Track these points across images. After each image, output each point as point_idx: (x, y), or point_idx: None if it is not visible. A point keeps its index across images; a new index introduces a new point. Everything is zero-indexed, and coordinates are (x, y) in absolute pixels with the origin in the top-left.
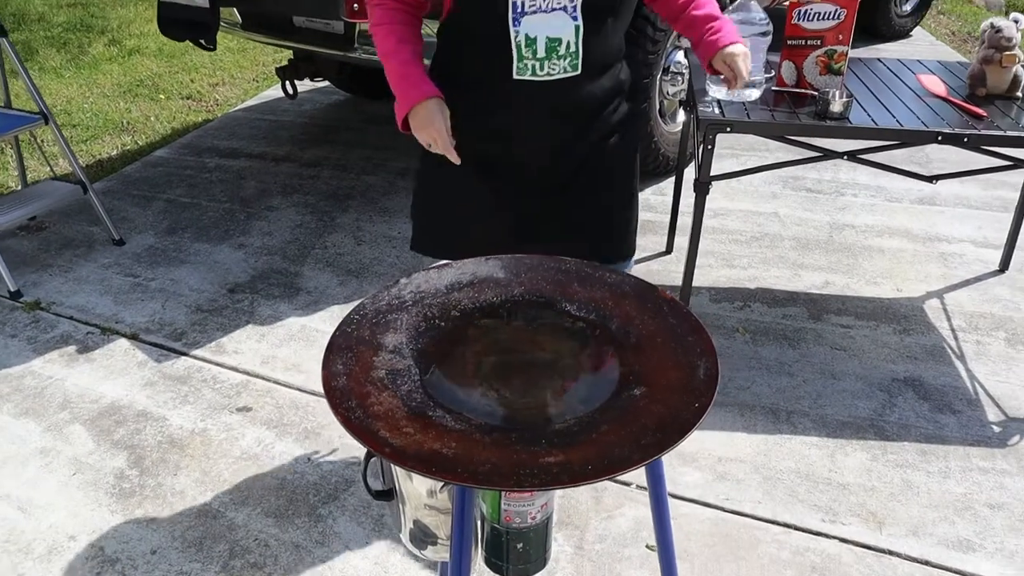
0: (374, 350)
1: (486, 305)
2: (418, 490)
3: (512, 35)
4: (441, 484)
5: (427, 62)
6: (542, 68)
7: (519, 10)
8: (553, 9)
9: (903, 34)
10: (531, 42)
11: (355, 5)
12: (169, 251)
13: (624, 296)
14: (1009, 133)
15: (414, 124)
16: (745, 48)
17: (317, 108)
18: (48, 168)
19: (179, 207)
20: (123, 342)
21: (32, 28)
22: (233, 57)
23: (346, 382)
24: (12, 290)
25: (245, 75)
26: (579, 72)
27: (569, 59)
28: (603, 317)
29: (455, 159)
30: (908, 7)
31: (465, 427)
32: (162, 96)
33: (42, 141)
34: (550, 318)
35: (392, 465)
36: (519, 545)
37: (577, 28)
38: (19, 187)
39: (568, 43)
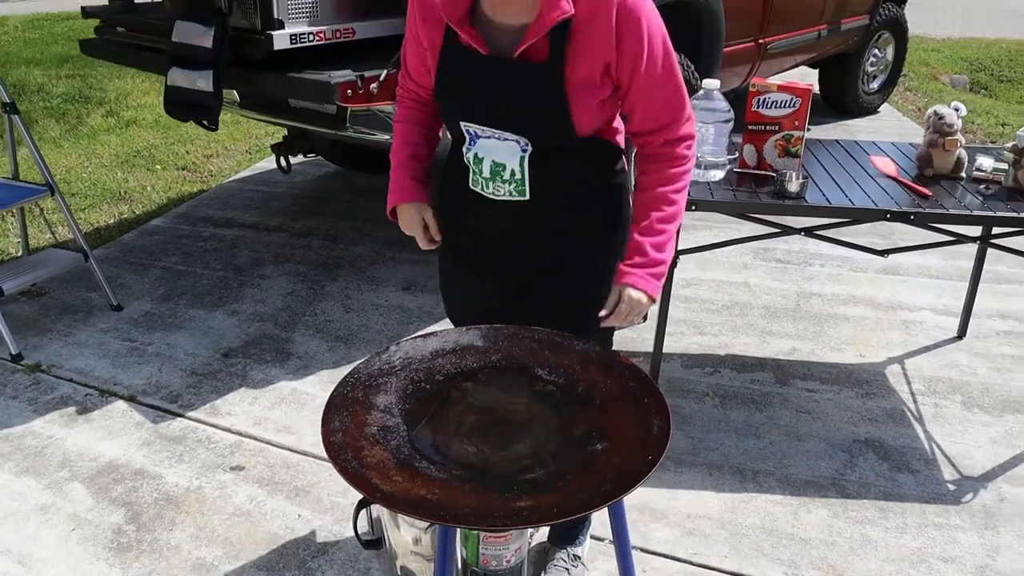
0: (367, 409)
1: (467, 370)
2: (404, 538)
3: (465, 150)
4: (426, 526)
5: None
6: (487, 187)
7: (473, 134)
8: (506, 140)
9: (871, 110)
10: (479, 161)
11: (349, 91)
12: (165, 317)
13: (590, 362)
14: (951, 211)
15: (399, 221)
16: (641, 300)
17: (308, 180)
18: (50, 235)
19: (175, 274)
20: (121, 404)
21: (32, 99)
22: (227, 129)
23: (342, 437)
24: (14, 353)
25: (239, 147)
26: (527, 198)
27: (515, 185)
28: (571, 381)
29: (426, 247)
30: (875, 85)
31: (447, 476)
32: (158, 167)
33: (43, 208)
34: (524, 382)
35: (381, 516)
36: None
37: (522, 159)
38: (20, 253)
39: (513, 171)
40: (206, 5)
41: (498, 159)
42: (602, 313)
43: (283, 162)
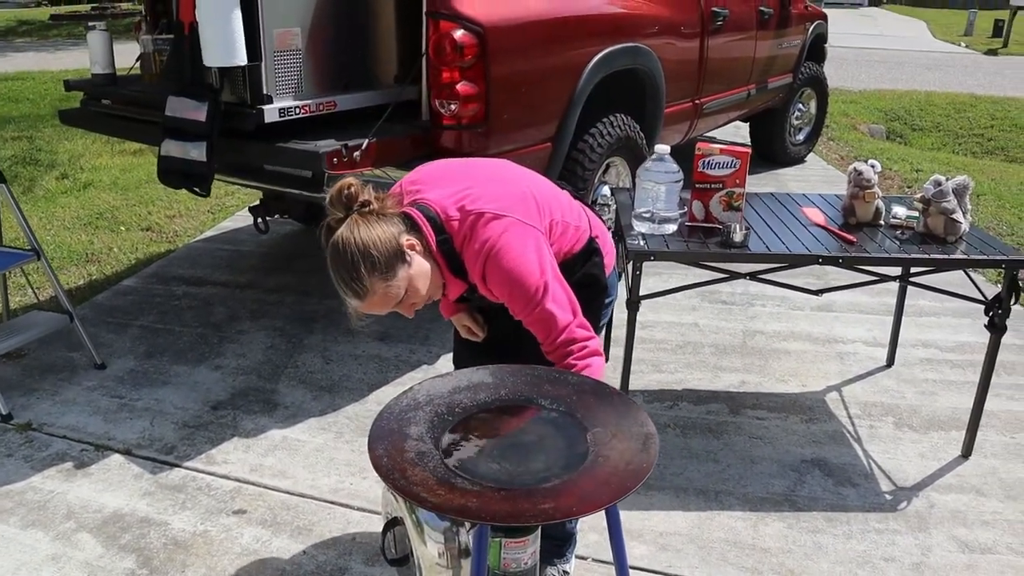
0: (403, 439)
1: (481, 403)
2: (431, 552)
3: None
4: (445, 541)
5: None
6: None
7: None
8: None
9: (799, 160)
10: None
11: (335, 159)
12: (150, 373)
13: (584, 392)
14: (873, 255)
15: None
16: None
17: (275, 238)
18: (30, 297)
19: (153, 332)
20: (117, 457)
21: None
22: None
23: (387, 461)
24: (4, 413)
25: (201, 207)
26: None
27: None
28: (571, 408)
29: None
30: (801, 136)
31: (480, 488)
32: (122, 228)
33: (25, 271)
34: (531, 411)
35: (407, 535)
36: None
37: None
38: (0, 315)
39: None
40: (199, 81)
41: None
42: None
43: (260, 223)
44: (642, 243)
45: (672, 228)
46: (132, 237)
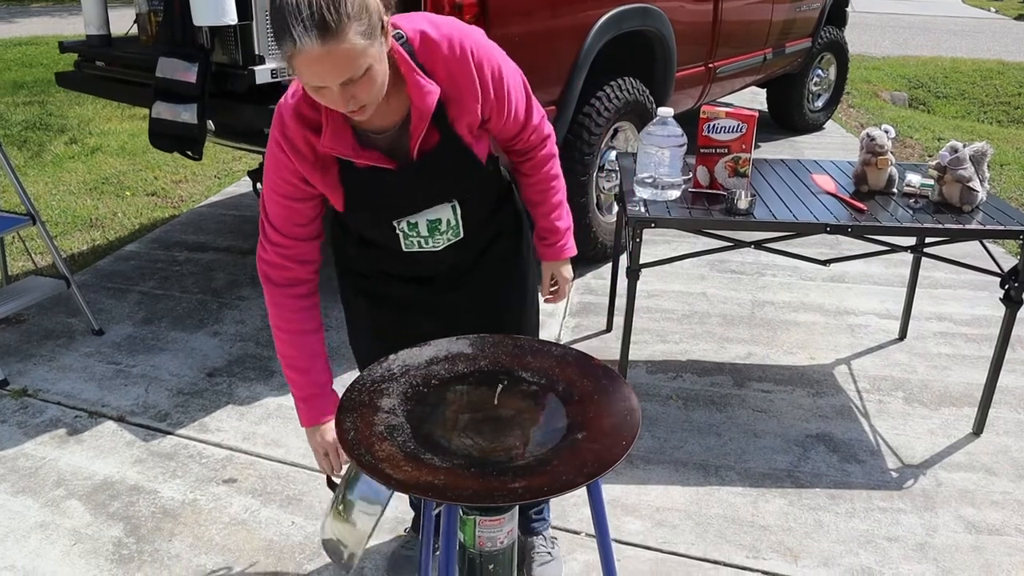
0: (373, 411)
1: (459, 374)
2: (360, 527)
3: (395, 225)
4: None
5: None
6: (427, 243)
7: (404, 224)
8: (433, 206)
9: (817, 127)
10: (413, 226)
11: None
12: (147, 340)
13: (567, 364)
14: (884, 224)
15: (320, 442)
16: (569, 269)
17: None
18: (32, 263)
19: (153, 299)
20: (110, 424)
21: None
22: None
23: (355, 435)
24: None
25: (207, 172)
26: (462, 235)
27: (451, 231)
28: (552, 380)
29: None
30: (820, 103)
31: (450, 465)
32: (128, 193)
33: (22, 237)
34: (510, 383)
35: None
36: (491, 566)
37: (454, 208)
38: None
39: (448, 220)
40: (189, 42)
41: (431, 217)
42: (547, 296)
43: (259, 187)
44: (643, 209)
45: (675, 194)
46: (137, 202)
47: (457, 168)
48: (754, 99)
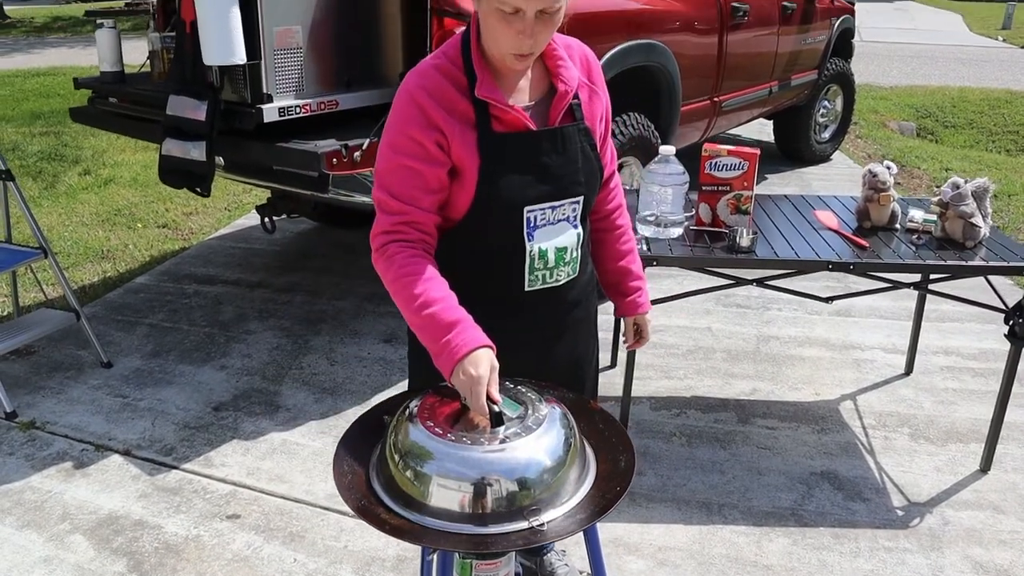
0: (373, 452)
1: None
2: None
3: (527, 248)
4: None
5: None
6: (551, 276)
7: (532, 224)
8: (559, 220)
9: (824, 158)
10: (543, 254)
11: (334, 160)
12: (155, 373)
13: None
14: (886, 261)
15: (478, 367)
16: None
17: (288, 237)
18: (43, 294)
19: (161, 331)
20: (117, 458)
21: (7, 157)
22: None
23: (352, 479)
24: (8, 411)
25: (218, 205)
26: (577, 275)
27: (572, 264)
28: None
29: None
30: (827, 134)
31: None
32: (139, 225)
33: (33, 269)
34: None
35: None
36: None
37: (578, 236)
38: (10, 312)
39: (571, 249)
40: (199, 80)
41: (559, 244)
42: (629, 343)
43: (268, 222)
44: (645, 247)
45: (678, 232)
46: (148, 234)
47: (585, 159)
48: (761, 131)
